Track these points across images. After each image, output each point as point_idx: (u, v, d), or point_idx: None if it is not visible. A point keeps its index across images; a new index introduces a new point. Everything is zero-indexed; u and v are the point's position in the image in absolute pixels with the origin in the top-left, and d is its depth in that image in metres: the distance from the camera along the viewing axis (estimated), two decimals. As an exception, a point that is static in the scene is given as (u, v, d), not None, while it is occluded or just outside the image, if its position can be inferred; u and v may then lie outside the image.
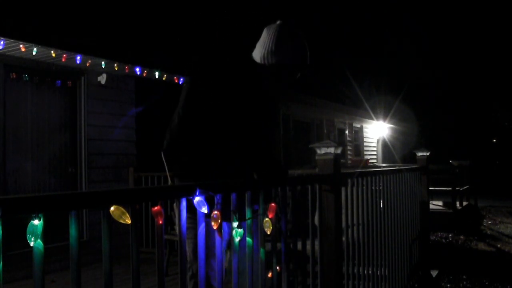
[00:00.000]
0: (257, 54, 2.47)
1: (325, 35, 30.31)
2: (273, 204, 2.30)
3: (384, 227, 4.18)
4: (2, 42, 5.32)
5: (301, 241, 2.74)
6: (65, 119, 6.71)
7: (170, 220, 5.52)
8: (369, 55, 34.36)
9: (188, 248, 2.45)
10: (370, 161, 18.61)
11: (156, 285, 1.70)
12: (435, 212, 9.88)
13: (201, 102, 2.27)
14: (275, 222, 2.42)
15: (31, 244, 1.26)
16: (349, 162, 16.67)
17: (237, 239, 2.05)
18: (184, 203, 1.78)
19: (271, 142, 2.62)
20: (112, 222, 1.49)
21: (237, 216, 2.06)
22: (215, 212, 1.90)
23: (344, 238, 3.41)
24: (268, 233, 2.26)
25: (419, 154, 5.86)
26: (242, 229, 2.07)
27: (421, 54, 37.51)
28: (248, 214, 2.15)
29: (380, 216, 4.11)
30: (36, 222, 1.25)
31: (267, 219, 2.26)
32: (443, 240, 9.16)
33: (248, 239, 2.14)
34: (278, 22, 2.47)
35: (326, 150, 3.02)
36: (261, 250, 2.31)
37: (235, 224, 2.05)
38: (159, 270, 1.70)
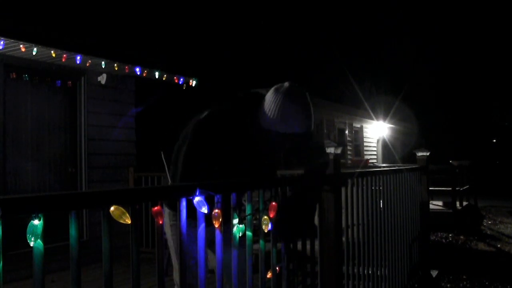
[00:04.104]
0: (263, 117, 2.42)
1: (325, 35, 30.29)
2: (273, 203, 2.30)
3: (384, 227, 4.18)
4: (2, 42, 5.32)
5: (301, 241, 2.74)
6: (65, 119, 6.71)
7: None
8: (369, 55, 34.35)
9: (174, 257, 2.54)
10: (370, 161, 18.60)
11: (156, 285, 1.70)
12: (435, 212, 9.87)
13: (200, 157, 2.46)
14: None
15: (31, 244, 1.26)
16: (349, 162, 16.66)
17: (238, 235, 2.07)
18: (184, 203, 1.78)
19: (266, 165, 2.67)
20: (112, 222, 1.49)
21: (237, 213, 2.07)
22: (216, 210, 1.91)
23: (344, 238, 3.41)
24: (266, 231, 2.27)
25: (419, 154, 5.86)
26: (243, 225, 2.09)
27: (421, 54, 37.50)
28: (248, 209, 2.16)
29: (380, 216, 4.11)
30: (36, 222, 1.25)
31: (265, 217, 2.27)
32: (443, 240, 9.16)
33: (248, 232, 2.17)
34: (286, 84, 2.42)
35: (326, 150, 3.02)
36: (261, 242, 2.32)
37: (235, 221, 2.06)
38: (159, 270, 1.71)
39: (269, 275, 2.39)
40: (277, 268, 2.44)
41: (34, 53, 5.65)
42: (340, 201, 3.14)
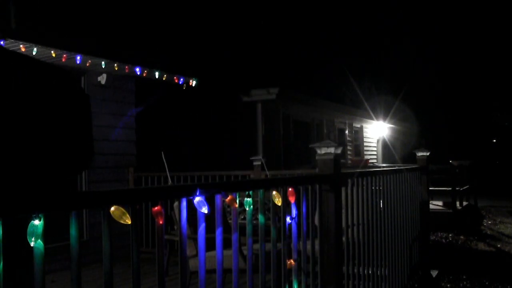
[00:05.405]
0: None
1: (325, 35, 30.29)
2: (290, 189, 2.34)
3: (384, 227, 4.18)
4: (2, 42, 5.31)
5: (301, 241, 2.75)
6: (65, 119, 6.69)
7: (170, 220, 5.53)
8: (369, 55, 34.36)
9: None
10: (370, 161, 18.59)
11: (156, 285, 1.70)
12: (435, 212, 9.87)
13: None
14: (276, 222, 2.42)
15: (32, 244, 1.26)
16: (349, 162, 16.65)
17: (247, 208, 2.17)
18: (184, 203, 1.78)
19: None
20: (112, 222, 1.49)
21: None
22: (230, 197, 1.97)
23: (344, 238, 3.41)
24: (279, 204, 2.31)
25: (419, 154, 5.86)
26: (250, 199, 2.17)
27: (421, 54, 37.51)
28: (261, 194, 2.21)
29: (380, 216, 4.11)
30: (36, 222, 1.25)
31: (275, 192, 2.30)
32: (443, 240, 9.16)
33: (260, 215, 2.26)
34: None
35: (326, 150, 3.03)
36: (260, 216, 2.32)
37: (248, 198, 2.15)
38: (159, 270, 1.71)
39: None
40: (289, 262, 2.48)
41: (34, 53, 5.64)
42: (340, 201, 3.14)
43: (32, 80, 1.59)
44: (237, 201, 2.11)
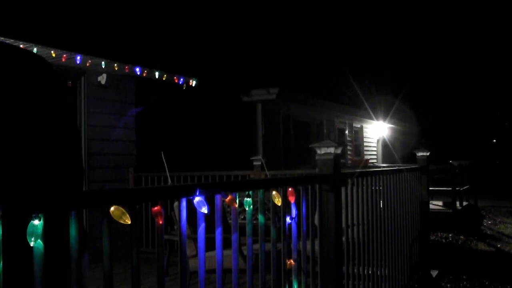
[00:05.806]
0: None
1: (325, 35, 30.29)
2: (290, 189, 2.34)
3: (384, 227, 4.18)
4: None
5: (301, 241, 2.75)
6: (65, 119, 6.69)
7: (170, 220, 5.53)
8: (369, 55, 34.35)
9: None
10: (370, 161, 18.59)
11: (156, 285, 1.70)
12: (435, 212, 9.87)
13: None
14: (276, 222, 2.42)
15: (31, 244, 1.26)
16: (349, 162, 16.65)
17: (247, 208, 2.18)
18: (184, 203, 1.78)
19: None
20: (112, 222, 1.49)
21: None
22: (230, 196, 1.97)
23: (344, 238, 3.42)
24: (279, 204, 2.32)
25: (419, 154, 5.86)
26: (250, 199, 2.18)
27: (421, 54, 37.50)
28: (261, 194, 2.22)
29: (380, 216, 4.11)
30: (36, 222, 1.25)
31: (274, 192, 2.31)
32: (443, 240, 9.16)
33: (260, 215, 2.27)
34: None
35: (326, 150, 3.03)
36: (260, 216, 2.32)
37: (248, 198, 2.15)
38: (159, 270, 1.71)
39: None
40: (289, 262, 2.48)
41: (34, 53, 5.63)
42: (340, 201, 3.14)
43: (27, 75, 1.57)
44: (237, 201, 2.11)
